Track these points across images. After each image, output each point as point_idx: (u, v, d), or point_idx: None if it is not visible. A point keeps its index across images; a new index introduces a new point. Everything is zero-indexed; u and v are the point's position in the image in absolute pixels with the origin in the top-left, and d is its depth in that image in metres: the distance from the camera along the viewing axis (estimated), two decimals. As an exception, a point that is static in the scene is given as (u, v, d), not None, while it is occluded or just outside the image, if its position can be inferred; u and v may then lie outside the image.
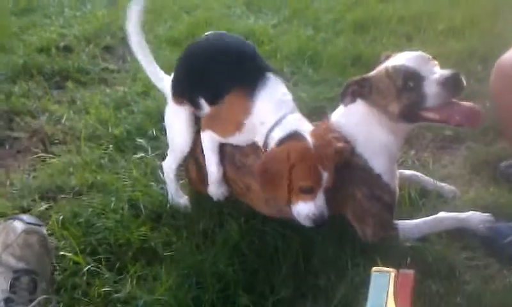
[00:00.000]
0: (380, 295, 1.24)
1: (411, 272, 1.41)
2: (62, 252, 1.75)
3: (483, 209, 1.91)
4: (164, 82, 2.01)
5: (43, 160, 2.32)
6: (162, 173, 2.05)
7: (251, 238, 1.81)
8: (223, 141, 1.85)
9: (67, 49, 3.48)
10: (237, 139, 1.82)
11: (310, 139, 1.67)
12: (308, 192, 1.65)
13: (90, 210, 1.94)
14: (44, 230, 1.72)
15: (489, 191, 2.06)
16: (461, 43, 3.33)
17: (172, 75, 1.95)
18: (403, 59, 1.71)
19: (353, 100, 1.76)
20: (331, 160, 1.67)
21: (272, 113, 1.72)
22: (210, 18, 4.02)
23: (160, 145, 2.33)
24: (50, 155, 2.35)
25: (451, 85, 1.63)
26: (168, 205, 1.97)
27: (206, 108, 1.86)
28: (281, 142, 1.68)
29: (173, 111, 1.94)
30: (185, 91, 1.90)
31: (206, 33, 1.99)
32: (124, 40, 3.60)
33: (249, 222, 1.87)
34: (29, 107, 2.74)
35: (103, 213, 1.93)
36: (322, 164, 1.64)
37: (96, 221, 1.89)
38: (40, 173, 2.22)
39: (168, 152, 2.02)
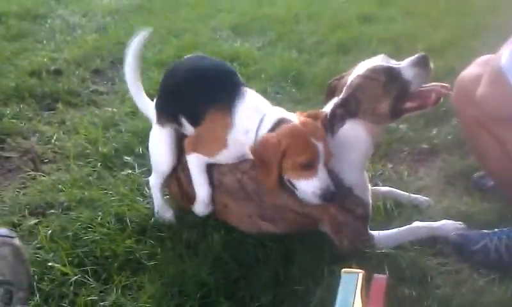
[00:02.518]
0: (348, 294, 1.31)
1: (384, 276, 1.48)
2: (50, 264, 1.80)
3: (456, 217, 2.01)
4: (149, 108, 2.10)
5: (33, 178, 2.38)
6: (149, 188, 2.13)
7: (233, 248, 1.88)
8: (211, 160, 1.90)
9: (57, 72, 3.55)
10: (225, 156, 1.87)
11: (296, 120, 1.74)
12: (309, 168, 1.69)
13: (78, 224, 2.00)
14: (17, 241, 1.74)
15: (462, 201, 2.15)
16: (440, 62, 3.41)
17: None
18: (371, 63, 1.82)
19: (343, 124, 1.80)
20: (322, 132, 1.73)
21: (254, 118, 1.78)
22: (197, 42, 4.13)
23: (146, 162, 2.39)
24: (40, 174, 2.41)
25: (423, 63, 1.76)
26: (153, 219, 2.04)
27: (188, 127, 1.94)
28: (270, 131, 1.74)
29: (157, 133, 2.02)
30: (167, 110, 1.98)
31: (186, 56, 2.08)
32: (113, 63, 3.75)
33: (231, 233, 1.94)
34: (20, 128, 2.81)
35: (90, 227, 1.98)
36: (314, 136, 1.69)
37: (84, 235, 1.94)
38: (30, 190, 2.27)
39: (152, 168, 2.09)
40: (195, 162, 1.91)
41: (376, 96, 1.78)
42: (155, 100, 2.06)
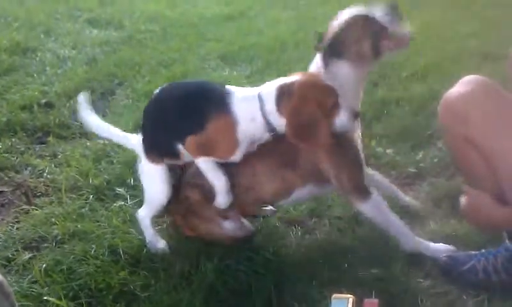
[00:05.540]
0: (340, 319, 1.35)
1: (375, 300, 1.52)
2: (45, 298, 1.81)
3: (444, 240, 2.04)
4: (133, 141, 2.12)
5: (26, 212, 2.39)
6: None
7: (226, 276, 1.90)
8: (222, 160, 1.97)
9: (49, 105, 3.56)
10: (241, 151, 1.94)
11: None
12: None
13: (72, 257, 2.01)
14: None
15: (449, 223, 2.19)
16: (424, 86, 3.52)
17: (140, 134, 2.07)
18: (349, 12, 1.99)
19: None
20: None
21: (251, 103, 1.87)
22: (186, 72, 4.17)
23: (138, 193, 2.42)
24: (33, 207, 2.42)
25: (395, 9, 1.95)
26: (145, 250, 2.06)
27: (184, 154, 1.97)
28: (279, 97, 1.87)
29: (149, 169, 2.04)
30: (160, 143, 2.00)
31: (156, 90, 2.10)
32: (104, 95, 3.79)
33: (224, 262, 1.96)
34: (12, 162, 2.82)
35: (84, 260, 2.00)
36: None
37: (78, 268, 1.96)
38: (23, 224, 2.28)
39: (145, 203, 2.12)
40: (206, 163, 1.96)
41: (358, 37, 1.94)
42: (140, 137, 2.06)
